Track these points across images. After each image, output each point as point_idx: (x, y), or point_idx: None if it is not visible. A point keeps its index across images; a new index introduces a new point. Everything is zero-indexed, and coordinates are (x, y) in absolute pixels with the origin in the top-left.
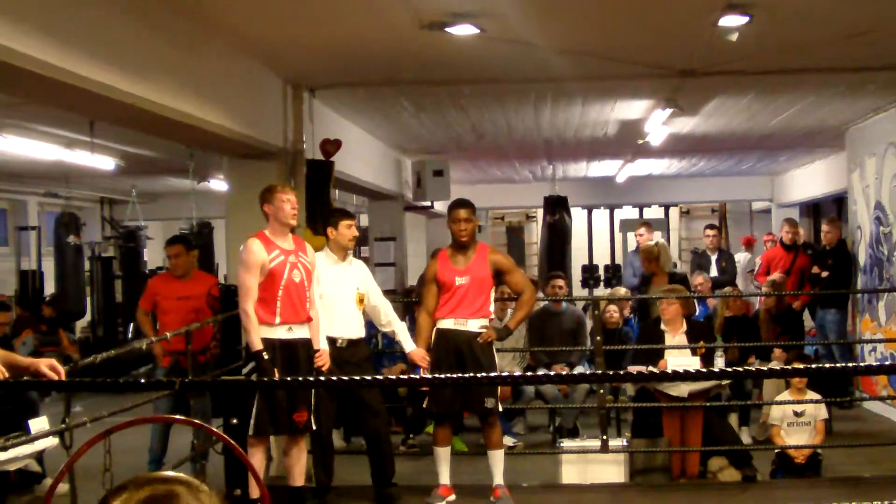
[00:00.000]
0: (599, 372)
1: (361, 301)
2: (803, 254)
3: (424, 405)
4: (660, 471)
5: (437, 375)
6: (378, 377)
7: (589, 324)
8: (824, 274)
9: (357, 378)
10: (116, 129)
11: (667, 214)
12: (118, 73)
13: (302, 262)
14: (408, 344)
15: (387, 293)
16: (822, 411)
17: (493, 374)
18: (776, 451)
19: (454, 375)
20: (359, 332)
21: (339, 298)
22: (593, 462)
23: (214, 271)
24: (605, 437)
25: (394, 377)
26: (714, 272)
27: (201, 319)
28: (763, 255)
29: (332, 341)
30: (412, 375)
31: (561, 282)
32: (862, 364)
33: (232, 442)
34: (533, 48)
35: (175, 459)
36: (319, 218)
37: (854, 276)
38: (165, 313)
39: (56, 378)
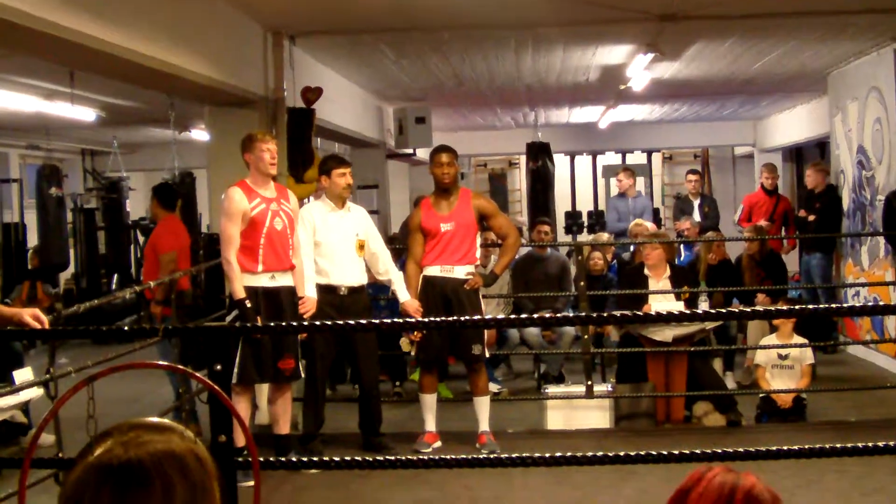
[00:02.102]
0: (584, 314)
1: (362, 248)
2: (785, 198)
3: (413, 353)
4: (644, 416)
5: (423, 320)
6: (367, 321)
7: (573, 270)
8: (811, 217)
9: (346, 322)
10: (97, 79)
11: (649, 160)
12: (96, 21)
13: (284, 209)
14: (402, 294)
15: None
16: (807, 355)
17: (478, 318)
18: (761, 395)
19: (440, 319)
20: (360, 279)
21: (338, 246)
22: (578, 408)
23: (197, 221)
24: (589, 383)
25: (378, 321)
26: (697, 217)
27: (146, 268)
28: (744, 199)
29: (333, 289)
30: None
31: (546, 227)
32: (845, 305)
33: (217, 388)
34: None
35: (161, 407)
36: (301, 166)
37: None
38: None
39: (39, 327)
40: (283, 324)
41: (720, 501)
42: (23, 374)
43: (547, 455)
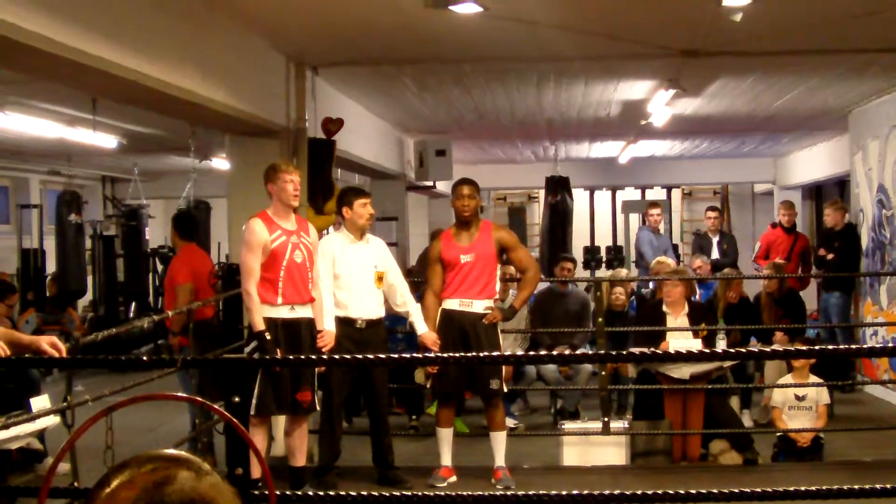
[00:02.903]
0: (601, 353)
1: (381, 280)
2: (804, 236)
3: (429, 386)
4: (661, 453)
5: (441, 355)
6: (386, 356)
7: (592, 306)
8: (830, 256)
9: (365, 357)
10: (119, 106)
11: (669, 196)
12: (121, 49)
13: (304, 242)
14: (420, 326)
15: None
16: (824, 396)
17: (497, 354)
18: (778, 434)
19: (458, 355)
20: (378, 311)
21: (356, 278)
22: (594, 444)
23: (210, 250)
24: (606, 420)
25: (397, 356)
26: (715, 254)
27: (166, 299)
28: (762, 237)
29: (351, 322)
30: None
31: (569, 264)
32: (865, 346)
33: (234, 420)
34: (536, 26)
35: (176, 438)
36: (321, 197)
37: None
38: None
39: (57, 355)
40: (302, 356)
41: None
42: (40, 402)
43: (563, 493)
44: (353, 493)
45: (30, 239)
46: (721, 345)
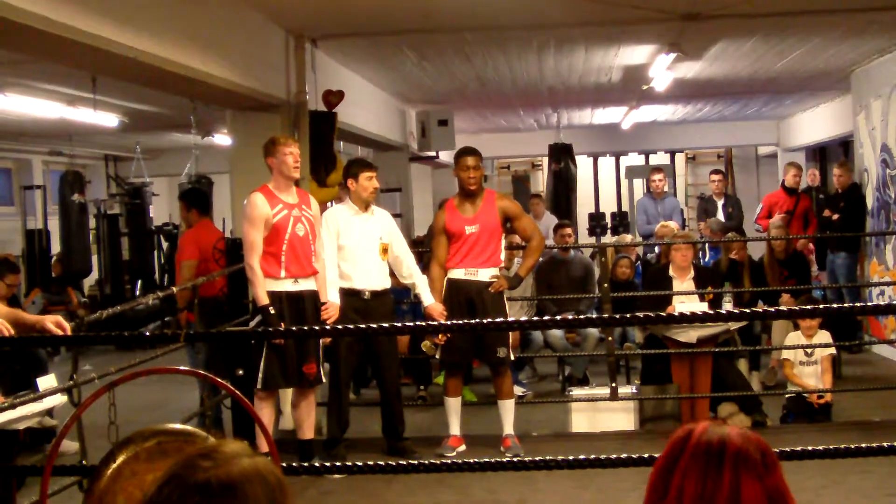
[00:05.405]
0: (606, 316)
1: (386, 251)
2: (805, 196)
3: (437, 355)
4: (669, 418)
5: (447, 323)
6: (392, 325)
7: (597, 272)
8: (835, 217)
9: (369, 326)
10: (119, 84)
11: (673, 160)
12: (119, 26)
13: (306, 215)
14: (426, 297)
15: None
16: (828, 348)
17: (502, 320)
18: (787, 395)
19: (462, 322)
20: (384, 283)
21: (362, 250)
22: (603, 410)
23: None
24: (614, 385)
25: (400, 325)
26: (720, 217)
27: (177, 275)
28: (764, 198)
29: (357, 293)
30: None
31: (568, 230)
32: (869, 304)
33: (238, 393)
34: None
35: (185, 413)
36: (324, 169)
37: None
38: None
39: (61, 334)
40: (307, 328)
41: (710, 464)
42: (46, 381)
43: (571, 458)
44: (359, 463)
45: (34, 220)
46: (727, 307)
